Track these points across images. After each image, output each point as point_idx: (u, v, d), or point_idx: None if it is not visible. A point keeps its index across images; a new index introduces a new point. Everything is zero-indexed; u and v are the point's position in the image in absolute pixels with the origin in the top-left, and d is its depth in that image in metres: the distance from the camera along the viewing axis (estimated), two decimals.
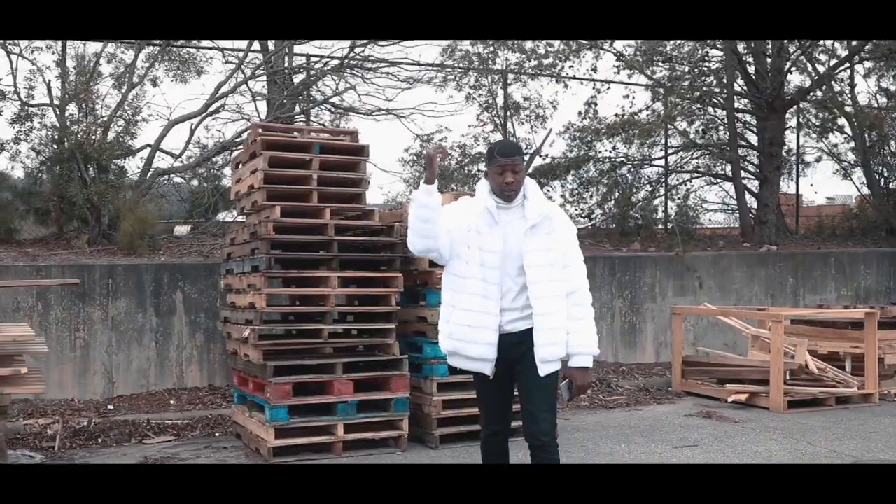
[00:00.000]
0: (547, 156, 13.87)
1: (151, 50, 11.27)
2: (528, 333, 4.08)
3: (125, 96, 10.92)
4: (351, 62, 11.41)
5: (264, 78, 11.52)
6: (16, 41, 10.39)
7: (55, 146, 10.40)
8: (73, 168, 10.18)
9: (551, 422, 4.15)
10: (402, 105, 13.47)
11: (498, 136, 13.89)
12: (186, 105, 12.52)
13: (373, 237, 7.25)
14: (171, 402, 8.45)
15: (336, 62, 11.45)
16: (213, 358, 8.95)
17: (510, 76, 13.77)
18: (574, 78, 13.89)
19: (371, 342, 7.08)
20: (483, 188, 4.24)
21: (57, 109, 10.41)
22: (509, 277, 4.09)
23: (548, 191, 14.05)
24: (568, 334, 4.09)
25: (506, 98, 13.79)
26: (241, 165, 7.56)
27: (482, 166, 14.06)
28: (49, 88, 10.38)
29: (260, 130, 7.15)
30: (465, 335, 4.12)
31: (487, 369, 4.14)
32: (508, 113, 13.81)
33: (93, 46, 11.02)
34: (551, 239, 4.13)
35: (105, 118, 10.67)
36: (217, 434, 7.66)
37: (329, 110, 12.21)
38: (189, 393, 8.73)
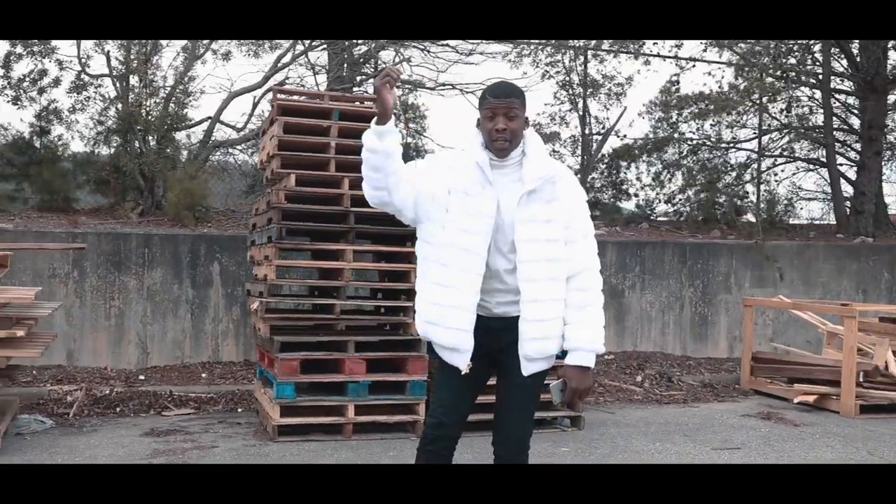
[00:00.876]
0: (625, 136, 13.20)
1: None
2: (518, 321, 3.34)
3: (188, 68, 10.83)
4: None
5: (325, 50, 11.25)
6: None
7: (115, 118, 10.40)
8: (130, 139, 10.15)
9: (525, 431, 3.42)
10: (468, 80, 12.90)
11: (575, 116, 13.30)
12: (248, 77, 12.30)
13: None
14: (203, 375, 8.27)
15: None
16: (249, 332, 8.73)
17: (586, 52, 13.12)
18: (657, 55, 13.15)
19: (388, 320, 6.69)
20: (473, 140, 3.40)
21: (116, 80, 10.40)
22: (500, 254, 3.30)
23: (624, 174, 13.40)
24: (566, 325, 3.31)
25: (585, 75, 13.16)
26: (263, 133, 7.28)
27: (556, 147, 13.53)
28: (108, 59, 10.36)
29: (279, 96, 6.84)
30: (435, 316, 3.32)
31: (461, 362, 3.30)
32: (588, 91, 13.19)
33: None
34: (553, 208, 3.31)
35: (164, 89, 10.61)
36: (240, 410, 7.41)
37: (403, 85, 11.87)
38: (222, 367, 8.54)
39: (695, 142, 13.35)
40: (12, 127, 10.58)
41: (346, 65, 11.06)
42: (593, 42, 13.21)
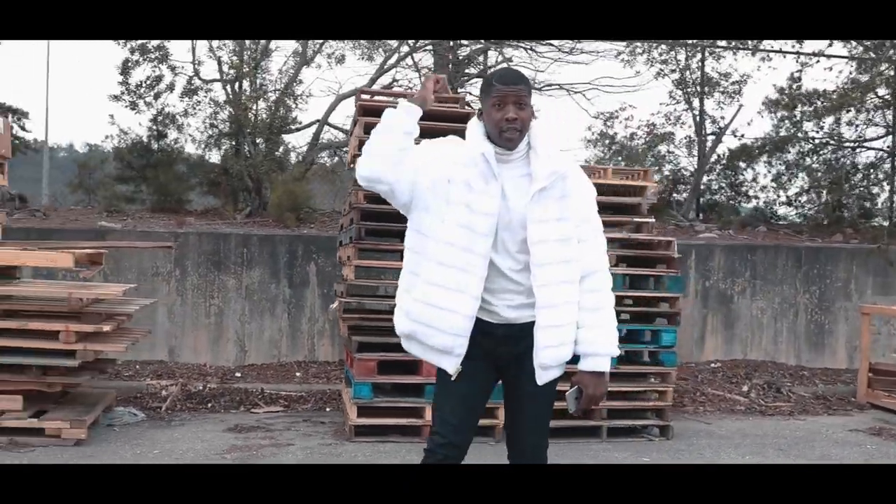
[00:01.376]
0: (742, 136, 12.68)
1: None
2: (532, 328, 3.12)
3: (297, 72, 11.07)
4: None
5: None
6: None
7: (225, 121, 10.72)
8: (240, 142, 10.45)
9: (542, 444, 3.25)
10: (575, 81, 12.65)
11: (689, 116, 12.87)
12: (356, 80, 12.47)
13: None
14: (297, 374, 8.39)
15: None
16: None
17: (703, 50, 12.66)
18: (778, 51, 12.56)
19: None
20: (476, 131, 3.16)
21: (226, 84, 10.72)
22: (508, 254, 3.10)
23: (742, 175, 12.87)
24: (579, 329, 3.12)
25: (702, 73, 12.71)
26: (350, 134, 7.33)
27: (670, 148, 13.11)
28: (220, 63, 10.70)
29: (362, 97, 6.86)
30: (428, 317, 3.09)
31: (450, 365, 3.11)
32: (705, 89, 12.73)
33: None
34: (564, 205, 3.11)
35: (273, 93, 10.87)
36: (327, 409, 7.47)
37: None
38: (318, 367, 8.64)
39: (818, 140, 12.68)
40: (132, 131, 11.07)
41: (450, 65, 11.04)
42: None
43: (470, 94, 11.62)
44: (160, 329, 8.43)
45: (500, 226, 3.06)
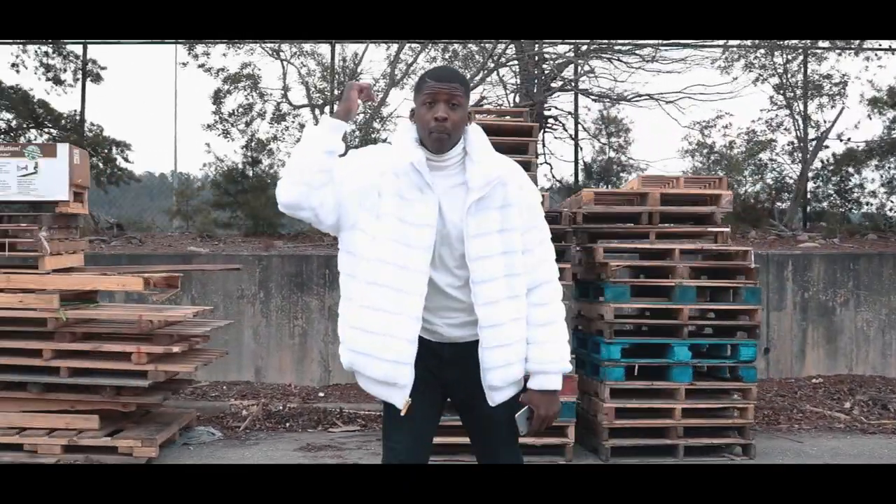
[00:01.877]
0: (849, 139, 12.07)
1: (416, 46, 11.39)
2: (477, 347, 2.91)
3: (385, 95, 11.20)
4: (601, 45, 10.72)
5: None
6: (281, 45, 11.08)
7: None
8: None
9: (519, 463, 3.09)
10: (665, 90, 12.30)
11: (791, 121, 12.34)
12: None
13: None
14: None
15: (582, 45, 10.84)
16: None
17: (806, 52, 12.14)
18: (887, 49, 11.93)
19: None
20: (406, 135, 2.91)
21: (314, 109, 10.94)
22: (447, 270, 2.88)
23: (850, 181, 12.24)
24: (529, 345, 2.92)
25: (805, 76, 12.19)
26: None
27: (772, 155, 12.60)
28: (307, 88, 10.93)
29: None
30: (364, 345, 2.85)
31: (398, 399, 2.87)
32: (808, 93, 12.20)
33: (352, 48, 11.45)
34: (506, 215, 2.88)
35: (362, 114, 11.01)
36: None
37: (589, 96, 11.61)
38: None
39: None
40: (228, 158, 11.42)
41: (535, 80, 10.95)
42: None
43: (556, 108, 11.54)
44: (246, 350, 8.62)
45: (437, 240, 2.84)
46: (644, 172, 11.58)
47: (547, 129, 11.39)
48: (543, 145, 11.56)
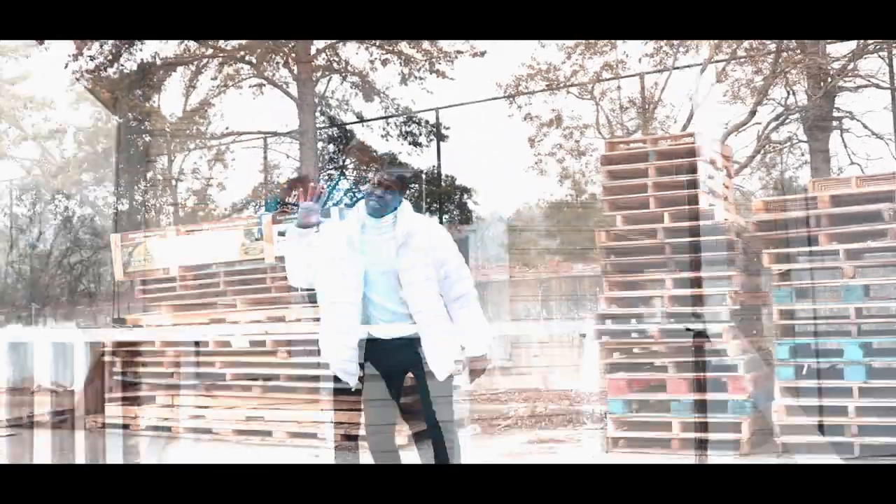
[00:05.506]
0: None
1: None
2: (413, 340, 4.23)
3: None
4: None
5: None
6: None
7: None
8: None
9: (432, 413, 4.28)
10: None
11: None
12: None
13: (709, 236, 7.14)
14: None
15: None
16: None
17: None
18: None
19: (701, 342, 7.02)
20: (358, 210, 4.37)
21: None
22: (390, 294, 4.21)
23: None
24: (461, 333, 4.31)
25: None
26: None
27: None
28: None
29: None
30: (331, 352, 4.29)
31: (351, 379, 4.29)
32: None
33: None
34: (427, 253, 4.24)
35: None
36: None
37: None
38: None
39: None
40: (552, 195, 12.98)
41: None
42: None
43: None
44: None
45: (378, 274, 4.22)
46: None
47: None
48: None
